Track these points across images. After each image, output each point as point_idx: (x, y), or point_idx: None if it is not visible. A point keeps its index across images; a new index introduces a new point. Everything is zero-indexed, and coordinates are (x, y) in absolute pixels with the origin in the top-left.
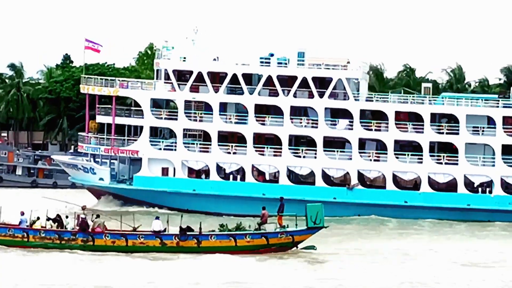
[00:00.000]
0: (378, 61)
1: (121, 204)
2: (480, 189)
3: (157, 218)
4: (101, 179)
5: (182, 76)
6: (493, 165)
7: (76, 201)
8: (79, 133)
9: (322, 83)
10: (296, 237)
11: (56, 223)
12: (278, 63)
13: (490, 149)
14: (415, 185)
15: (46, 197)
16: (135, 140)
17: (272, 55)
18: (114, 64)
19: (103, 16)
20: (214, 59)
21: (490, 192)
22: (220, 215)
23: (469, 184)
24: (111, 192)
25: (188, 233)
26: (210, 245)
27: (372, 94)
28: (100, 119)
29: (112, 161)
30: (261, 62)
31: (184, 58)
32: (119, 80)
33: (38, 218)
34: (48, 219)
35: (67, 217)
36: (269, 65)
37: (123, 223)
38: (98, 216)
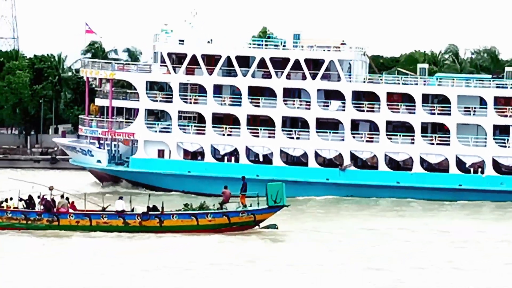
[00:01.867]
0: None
1: (116, 185)
2: (472, 169)
3: (121, 198)
4: (98, 161)
5: (178, 59)
6: (485, 146)
7: (84, 182)
8: (80, 116)
9: (316, 65)
10: (257, 216)
11: (29, 204)
12: (275, 44)
13: (482, 129)
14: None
15: (12, 178)
16: (132, 122)
17: (269, 36)
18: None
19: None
20: (208, 42)
21: (482, 172)
22: (215, 196)
23: (461, 165)
24: (108, 173)
25: (150, 212)
26: (172, 224)
27: (374, 76)
28: (98, 102)
29: (114, 143)
30: (259, 44)
31: (182, 41)
32: (116, 63)
33: (11, 199)
34: (20, 199)
35: (62, 196)
36: (261, 47)
37: (94, 204)
38: (62, 196)
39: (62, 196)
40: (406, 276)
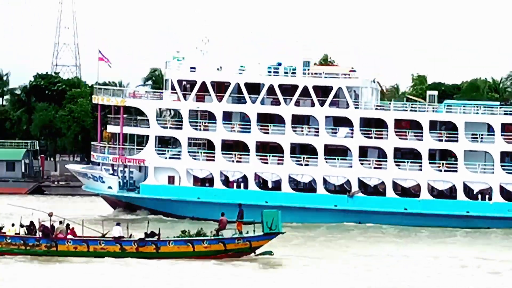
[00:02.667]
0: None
1: (130, 212)
2: (479, 196)
3: (118, 224)
4: (109, 187)
5: (188, 86)
6: (492, 172)
7: (94, 208)
8: (92, 143)
9: (324, 91)
10: (253, 242)
11: (30, 230)
12: (285, 72)
13: (490, 156)
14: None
15: (11, 204)
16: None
17: (279, 64)
18: None
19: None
20: (218, 69)
21: (490, 199)
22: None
23: (468, 191)
24: (119, 200)
25: (146, 239)
26: (168, 251)
27: (386, 103)
28: (110, 128)
29: (130, 169)
30: (269, 71)
31: (194, 68)
32: (127, 90)
33: (13, 225)
34: (22, 225)
35: (60, 222)
36: (270, 74)
37: (93, 230)
38: (61, 222)
39: (60, 222)
40: None
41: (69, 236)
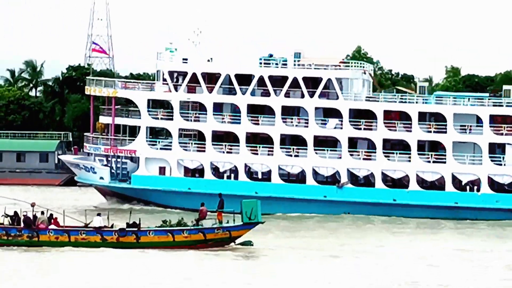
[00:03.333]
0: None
1: (121, 202)
2: (468, 187)
3: (99, 214)
4: (101, 178)
5: (180, 77)
6: (481, 164)
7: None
8: (85, 134)
9: (314, 83)
10: (233, 232)
11: (14, 220)
12: (276, 64)
13: (479, 147)
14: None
15: None
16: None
17: (271, 55)
18: None
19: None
20: (208, 60)
21: (478, 190)
22: (213, 212)
23: (457, 183)
24: (111, 190)
25: (127, 229)
26: (148, 241)
27: (378, 94)
28: (102, 119)
29: (124, 160)
30: (260, 63)
31: (186, 59)
32: (119, 81)
33: None
34: (6, 215)
35: (42, 213)
36: (261, 66)
37: (76, 220)
38: (43, 213)
39: (42, 213)
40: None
41: (52, 226)
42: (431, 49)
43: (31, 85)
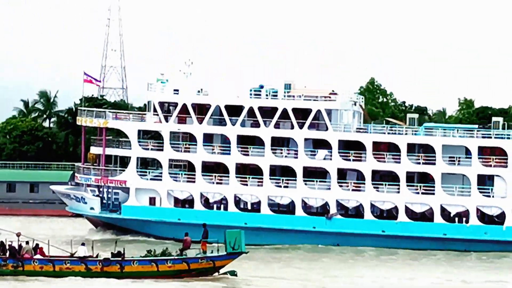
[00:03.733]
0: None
1: (114, 233)
2: (456, 218)
3: (83, 244)
4: (92, 208)
5: (171, 108)
6: (469, 195)
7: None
8: (76, 164)
9: (304, 114)
10: (217, 262)
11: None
12: (266, 95)
13: (468, 179)
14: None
15: None
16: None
17: (262, 86)
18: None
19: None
20: (199, 91)
21: (467, 222)
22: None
23: (445, 214)
24: (101, 221)
25: (111, 258)
26: (133, 270)
27: (367, 125)
28: (93, 150)
29: (115, 190)
30: (250, 94)
31: (177, 90)
32: (110, 112)
33: None
34: None
35: (27, 243)
36: (251, 97)
37: (62, 250)
38: (27, 242)
39: (27, 243)
40: None
41: (38, 256)
42: (445, 84)
43: (44, 115)
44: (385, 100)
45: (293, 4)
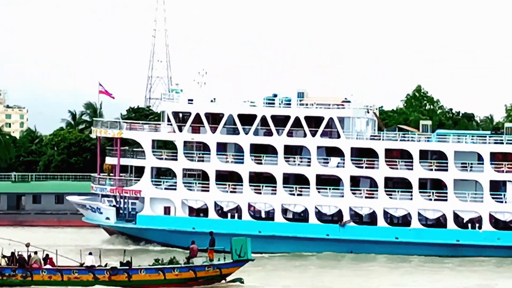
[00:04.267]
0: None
1: (129, 243)
2: (469, 225)
3: (90, 253)
4: (107, 218)
5: (185, 118)
6: (482, 201)
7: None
8: (91, 175)
9: (317, 122)
10: (223, 270)
11: (11, 261)
12: (280, 103)
13: (480, 185)
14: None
15: None
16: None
17: (275, 95)
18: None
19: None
20: (212, 101)
21: (480, 227)
22: (218, 252)
23: (458, 220)
24: (117, 230)
25: (118, 267)
26: (140, 279)
27: (380, 133)
28: (109, 160)
29: (132, 200)
30: (264, 102)
31: (191, 100)
32: (124, 122)
33: None
34: (3, 256)
35: (36, 253)
36: (266, 106)
37: (71, 260)
38: (36, 252)
39: (35, 253)
40: None
41: (47, 266)
42: (492, 90)
43: (92, 127)
44: (432, 107)
45: (292, 7)
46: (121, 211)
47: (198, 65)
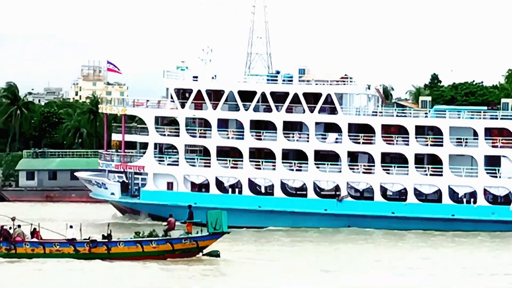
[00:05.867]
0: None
1: (133, 217)
2: (464, 199)
3: (71, 227)
4: (112, 193)
5: (186, 94)
6: (477, 176)
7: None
8: (99, 151)
9: (316, 98)
10: (200, 242)
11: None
12: (282, 80)
13: (475, 160)
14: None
15: None
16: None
17: (278, 72)
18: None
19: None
20: (213, 77)
21: (475, 202)
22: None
23: (453, 195)
24: (122, 205)
25: (98, 240)
26: (119, 251)
27: (383, 108)
28: (115, 136)
29: (142, 176)
30: (268, 79)
31: (196, 77)
32: (129, 99)
33: None
34: None
35: (19, 226)
36: (269, 82)
37: (55, 233)
38: (19, 226)
39: (19, 226)
40: None
41: (34, 239)
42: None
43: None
44: None
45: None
46: (129, 187)
47: (297, 41)
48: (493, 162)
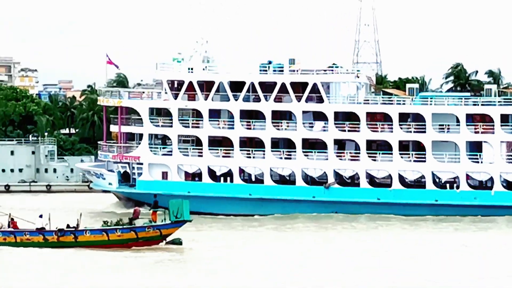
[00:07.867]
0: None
1: (130, 206)
2: (447, 185)
3: (41, 216)
4: (110, 183)
5: (179, 86)
6: (459, 162)
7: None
8: (98, 142)
9: (304, 88)
10: (163, 230)
11: None
12: (273, 70)
13: (458, 146)
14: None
15: None
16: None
17: (270, 62)
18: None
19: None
20: (203, 69)
21: (457, 188)
22: (213, 215)
23: (437, 181)
24: (119, 195)
25: (65, 229)
26: (85, 240)
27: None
28: (112, 128)
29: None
30: (260, 69)
31: (191, 69)
32: (125, 91)
33: None
34: None
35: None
36: (261, 72)
37: (28, 222)
38: None
39: None
40: None
41: (10, 228)
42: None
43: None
44: None
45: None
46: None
47: (404, 29)
48: (475, 148)
